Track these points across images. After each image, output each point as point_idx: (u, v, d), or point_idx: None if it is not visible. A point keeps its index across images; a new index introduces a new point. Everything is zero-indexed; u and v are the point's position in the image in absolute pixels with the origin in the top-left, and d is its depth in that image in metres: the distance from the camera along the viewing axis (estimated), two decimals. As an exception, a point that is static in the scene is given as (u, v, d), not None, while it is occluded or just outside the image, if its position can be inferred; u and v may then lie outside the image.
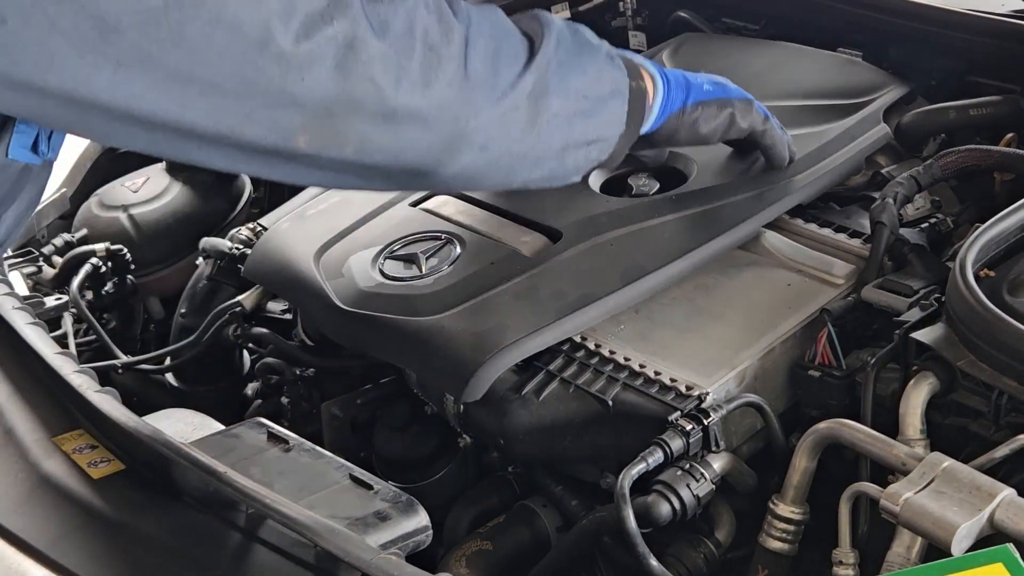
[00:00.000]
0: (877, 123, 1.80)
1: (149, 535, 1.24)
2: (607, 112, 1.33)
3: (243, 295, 1.81)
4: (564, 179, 1.35)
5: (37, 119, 1.02)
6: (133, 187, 2.18)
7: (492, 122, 1.19)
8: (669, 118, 1.44)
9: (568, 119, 1.27)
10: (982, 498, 1.13)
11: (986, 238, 1.42)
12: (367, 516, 1.23)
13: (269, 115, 1.03)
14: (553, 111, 1.25)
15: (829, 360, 1.43)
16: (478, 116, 1.17)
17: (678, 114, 1.45)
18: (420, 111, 1.12)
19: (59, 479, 1.33)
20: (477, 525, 1.53)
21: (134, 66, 0.95)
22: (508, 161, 1.25)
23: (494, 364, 1.42)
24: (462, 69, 1.14)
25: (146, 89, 0.97)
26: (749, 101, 1.53)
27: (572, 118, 1.28)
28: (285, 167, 1.11)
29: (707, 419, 1.35)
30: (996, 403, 1.29)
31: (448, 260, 1.60)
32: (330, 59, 1.03)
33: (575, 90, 1.27)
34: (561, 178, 1.34)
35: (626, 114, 1.34)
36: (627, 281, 1.51)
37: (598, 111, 1.32)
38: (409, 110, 1.11)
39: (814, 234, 1.66)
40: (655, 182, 1.72)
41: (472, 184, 1.34)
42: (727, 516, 1.42)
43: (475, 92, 1.16)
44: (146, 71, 0.96)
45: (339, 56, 1.04)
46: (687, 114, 1.45)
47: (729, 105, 1.50)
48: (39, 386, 1.49)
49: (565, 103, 1.26)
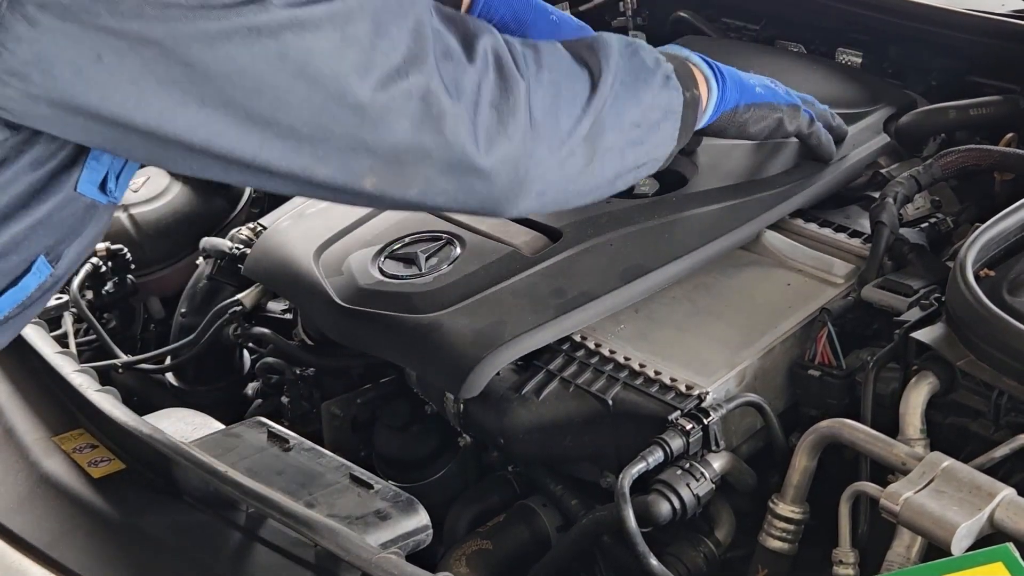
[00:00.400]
0: (878, 132, 1.81)
1: (149, 534, 1.25)
2: (659, 135, 1.36)
3: (243, 294, 1.80)
4: (610, 195, 1.39)
5: (118, 150, 1.06)
6: (133, 186, 2.18)
7: (550, 169, 1.23)
8: (721, 116, 1.48)
9: (621, 151, 1.31)
10: (982, 498, 1.13)
11: (986, 238, 1.42)
12: (367, 515, 1.23)
13: (341, 158, 1.08)
14: (607, 146, 1.28)
15: (829, 360, 1.43)
16: (538, 166, 1.21)
17: (730, 113, 1.49)
18: (483, 167, 1.16)
19: (59, 478, 1.33)
20: (477, 524, 1.53)
21: (217, 108, 1.00)
22: (563, 197, 1.30)
23: (492, 360, 1.42)
24: (525, 122, 1.18)
25: (226, 128, 1.01)
26: (797, 107, 1.57)
27: (625, 149, 1.31)
28: (350, 200, 1.19)
29: (707, 418, 1.35)
30: (996, 403, 1.29)
31: (448, 259, 1.60)
32: (404, 111, 1.08)
33: (630, 122, 1.30)
34: (608, 195, 1.39)
35: (678, 131, 1.38)
36: (626, 280, 1.51)
37: (650, 136, 1.35)
38: (473, 165, 1.15)
39: (814, 234, 1.66)
40: (655, 182, 1.72)
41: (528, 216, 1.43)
42: (727, 515, 1.42)
43: (536, 143, 1.20)
44: (228, 113, 1.00)
45: (412, 108, 1.08)
46: (739, 114, 1.50)
47: (779, 110, 1.54)
48: (39, 386, 1.49)
49: (619, 136, 1.29)
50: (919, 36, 1.98)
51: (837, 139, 1.69)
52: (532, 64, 1.21)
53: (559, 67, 1.25)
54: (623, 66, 1.30)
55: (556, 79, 1.23)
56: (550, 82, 1.22)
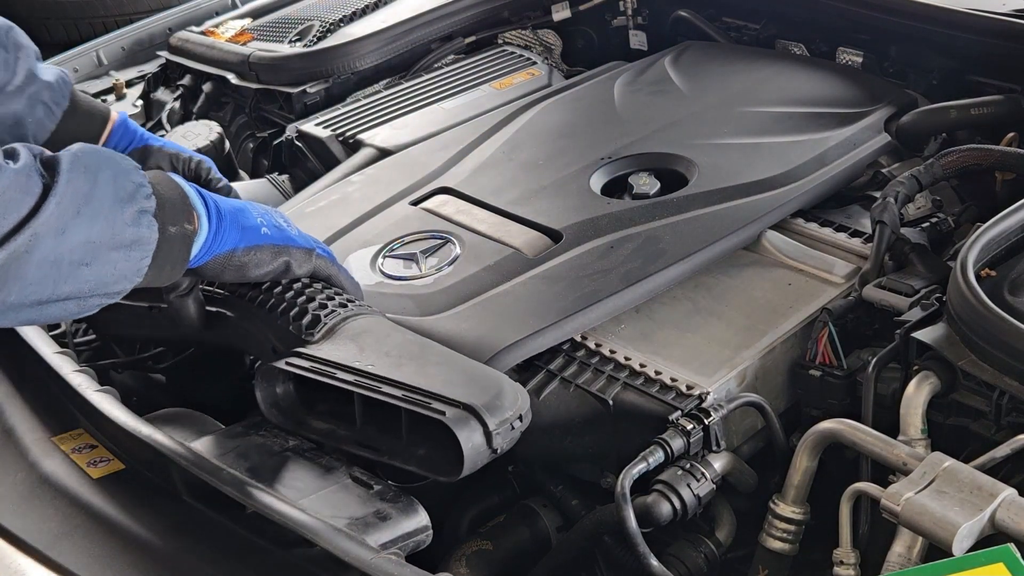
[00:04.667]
0: (878, 132, 1.81)
1: (149, 535, 1.24)
2: (116, 268, 1.24)
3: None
4: (32, 320, 1.26)
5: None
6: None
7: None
8: (215, 258, 1.38)
9: (55, 274, 1.19)
10: (983, 498, 1.13)
11: (987, 237, 1.42)
12: (367, 516, 1.22)
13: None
14: (40, 262, 1.18)
15: (830, 359, 1.43)
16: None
17: (226, 256, 1.38)
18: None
19: (59, 479, 1.33)
20: (477, 525, 1.53)
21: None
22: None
23: (495, 365, 1.41)
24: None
25: None
26: (309, 250, 1.45)
27: (64, 272, 1.20)
28: None
29: (708, 419, 1.35)
30: (997, 403, 1.29)
31: (448, 260, 1.60)
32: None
33: (73, 246, 1.19)
34: (27, 321, 1.26)
35: (147, 267, 1.25)
36: (628, 283, 1.51)
37: (102, 268, 1.23)
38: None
39: (815, 233, 1.67)
40: (656, 182, 1.72)
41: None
42: (728, 516, 1.42)
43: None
44: None
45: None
46: (236, 257, 1.39)
47: (285, 253, 1.43)
48: (39, 386, 1.49)
49: (57, 255, 1.19)
50: (920, 36, 1.98)
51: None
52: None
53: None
54: (74, 189, 1.19)
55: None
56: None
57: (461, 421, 1.22)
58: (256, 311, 1.44)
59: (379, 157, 1.98)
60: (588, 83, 2.12)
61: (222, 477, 1.24)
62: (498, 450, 1.24)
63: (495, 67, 2.29)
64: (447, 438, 1.22)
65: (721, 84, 2.02)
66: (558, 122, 1.97)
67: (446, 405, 1.24)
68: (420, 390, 1.26)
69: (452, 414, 1.22)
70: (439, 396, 1.25)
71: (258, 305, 1.44)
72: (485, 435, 1.23)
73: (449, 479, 1.24)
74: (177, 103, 2.44)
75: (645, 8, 2.39)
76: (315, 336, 1.37)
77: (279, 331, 1.41)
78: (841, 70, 2.04)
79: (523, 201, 1.72)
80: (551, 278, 1.54)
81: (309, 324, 1.38)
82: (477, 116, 2.07)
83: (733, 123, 1.88)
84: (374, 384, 1.28)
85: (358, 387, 1.28)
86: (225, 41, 2.43)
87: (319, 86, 2.26)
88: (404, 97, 2.19)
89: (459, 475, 1.23)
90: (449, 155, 1.90)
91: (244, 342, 1.48)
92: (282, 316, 1.41)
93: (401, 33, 2.34)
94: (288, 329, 1.39)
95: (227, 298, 1.49)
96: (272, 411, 1.36)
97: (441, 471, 1.25)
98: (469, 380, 1.29)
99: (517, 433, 1.26)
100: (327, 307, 1.41)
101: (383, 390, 1.27)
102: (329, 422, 1.34)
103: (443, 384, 1.27)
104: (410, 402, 1.25)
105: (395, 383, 1.28)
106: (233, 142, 2.29)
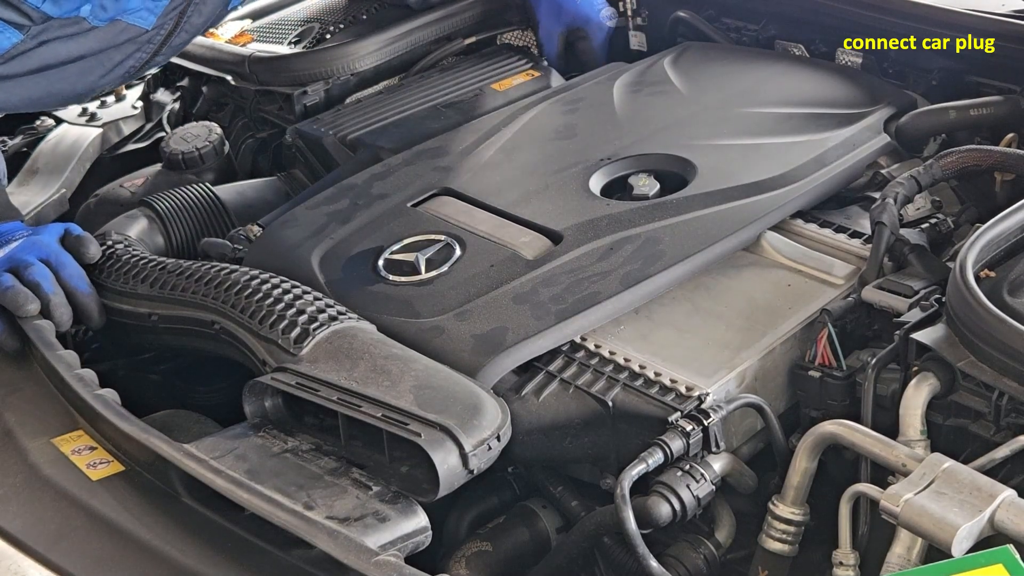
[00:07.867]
0: (878, 132, 1.81)
1: (148, 536, 1.24)
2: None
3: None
4: None
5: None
6: (132, 187, 2.18)
7: None
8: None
9: None
10: (982, 499, 1.13)
11: (987, 238, 1.42)
12: (366, 517, 1.22)
13: None
14: None
15: (829, 360, 1.43)
16: None
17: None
18: None
19: (58, 480, 1.33)
20: (477, 526, 1.53)
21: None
22: None
23: (494, 368, 1.41)
24: None
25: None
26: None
27: None
28: None
29: (707, 420, 1.35)
30: (996, 404, 1.29)
31: (448, 261, 1.60)
32: None
33: None
34: None
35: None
36: (627, 285, 1.51)
37: None
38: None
39: (814, 234, 1.66)
40: (655, 183, 1.72)
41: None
42: (727, 517, 1.42)
43: None
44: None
45: None
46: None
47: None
48: (39, 386, 1.49)
49: None
50: (920, 36, 1.98)
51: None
52: None
53: None
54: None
55: None
56: None
57: (436, 443, 1.24)
58: (246, 322, 1.46)
59: (379, 158, 1.98)
60: (587, 84, 2.12)
61: (221, 478, 1.24)
62: (474, 471, 1.26)
63: (495, 68, 2.29)
64: (425, 458, 1.23)
65: (721, 85, 2.02)
66: (558, 123, 1.97)
67: (423, 426, 1.25)
68: (399, 409, 1.28)
69: (428, 435, 1.24)
70: (417, 416, 1.27)
71: (250, 316, 1.45)
72: (461, 456, 1.25)
73: (426, 499, 1.25)
74: (177, 104, 2.44)
75: (644, 9, 2.39)
76: (303, 348, 1.39)
77: (267, 343, 1.42)
78: (840, 71, 2.04)
79: (523, 202, 1.72)
80: (551, 280, 1.54)
81: (298, 338, 1.40)
82: (477, 117, 2.07)
83: (733, 124, 1.88)
84: (355, 403, 1.30)
85: (341, 404, 1.30)
86: (225, 42, 2.43)
87: (319, 87, 2.26)
88: (404, 98, 2.19)
89: (436, 496, 1.25)
90: (449, 156, 1.90)
91: (239, 355, 1.50)
92: (271, 329, 1.43)
93: (401, 34, 2.34)
94: (277, 342, 1.41)
95: (216, 307, 1.51)
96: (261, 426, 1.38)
97: (419, 491, 1.26)
98: (448, 398, 1.31)
99: (495, 453, 1.28)
100: (316, 320, 1.42)
101: (363, 409, 1.30)
102: (318, 436, 1.36)
103: (422, 403, 1.29)
104: (389, 422, 1.27)
105: (376, 402, 1.30)
106: (233, 143, 2.29)
